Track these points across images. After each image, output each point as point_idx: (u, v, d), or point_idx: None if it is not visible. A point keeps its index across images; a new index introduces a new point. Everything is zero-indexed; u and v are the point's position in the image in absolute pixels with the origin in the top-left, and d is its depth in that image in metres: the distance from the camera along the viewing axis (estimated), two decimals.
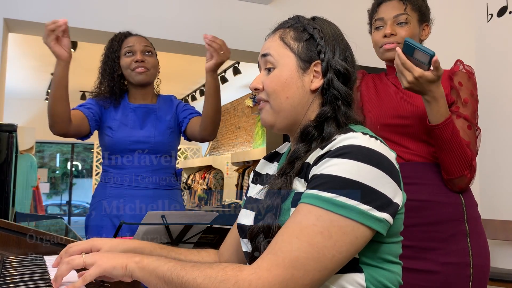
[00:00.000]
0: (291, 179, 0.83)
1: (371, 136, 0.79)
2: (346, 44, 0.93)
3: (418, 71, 1.18)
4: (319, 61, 0.89)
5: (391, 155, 0.79)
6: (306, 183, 0.81)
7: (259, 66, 0.96)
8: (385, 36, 1.39)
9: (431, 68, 1.18)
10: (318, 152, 0.81)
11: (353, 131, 0.81)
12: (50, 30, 1.55)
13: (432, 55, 1.16)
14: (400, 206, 0.79)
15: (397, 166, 0.81)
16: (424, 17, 1.44)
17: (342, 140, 0.78)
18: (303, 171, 0.83)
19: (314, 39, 0.90)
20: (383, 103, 1.41)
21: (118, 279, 0.79)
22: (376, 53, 1.45)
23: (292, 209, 0.80)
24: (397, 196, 0.78)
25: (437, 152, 1.30)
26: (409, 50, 1.19)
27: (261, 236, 0.81)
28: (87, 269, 0.79)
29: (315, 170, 0.78)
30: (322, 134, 0.85)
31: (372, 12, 1.47)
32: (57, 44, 1.60)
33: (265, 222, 0.81)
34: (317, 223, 0.72)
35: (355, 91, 0.93)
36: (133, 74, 1.85)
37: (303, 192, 0.79)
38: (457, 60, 1.42)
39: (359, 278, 0.78)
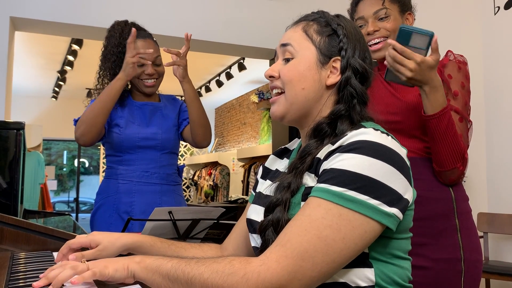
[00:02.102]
0: (302, 174, 0.83)
1: (382, 132, 0.79)
2: (366, 45, 0.93)
3: (419, 56, 1.15)
4: (339, 57, 0.89)
5: (402, 151, 0.79)
6: (316, 178, 0.81)
7: (275, 55, 0.95)
8: (368, 34, 1.37)
9: (429, 52, 1.16)
10: (329, 148, 0.81)
11: (364, 127, 0.81)
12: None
13: (431, 35, 1.14)
14: (410, 202, 0.79)
15: (408, 163, 0.80)
16: (405, 6, 1.41)
17: (353, 135, 0.78)
18: (313, 166, 0.83)
19: (337, 35, 0.89)
20: (375, 99, 1.39)
21: (121, 281, 0.78)
22: None
23: (302, 203, 0.80)
24: (408, 192, 0.78)
25: (431, 144, 1.28)
26: (404, 37, 1.17)
27: (270, 229, 0.81)
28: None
29: (325, 165, 0.78)
30: (335, 131, 0.85)
31: (352, 12, 1.45)
32: (133, 65, 1.74)
33: (275, 216, 0.81)
34: (326, 216, 0.73)
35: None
36: (141, 84, 1.88)
37: (313, 186, 0.79)
38: (448, 51, 1.39)
39: (369, 273, 0.78)
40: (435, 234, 1.28)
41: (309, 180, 0.82)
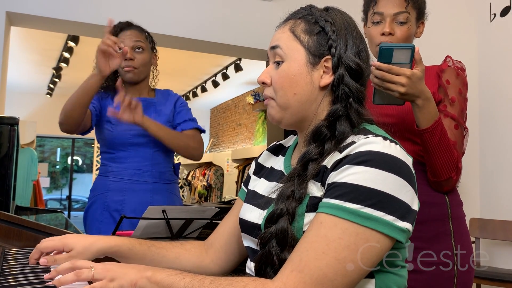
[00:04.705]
0: (306, 183, 0.80)
1: (391, 141, 0.77)
2: (360, 36, 0.88)
3: (408, 70, 1.13)
4: (329, 56, 0.84)
5: (409, 160, 0.78)
6: (323, 187, 0.78)
7: (268, 58, 0.92)
8: (383, 34, 1.34)
9: (414, 63, 1.15)
10: (336, 156, 0.78)
11: (371, 132, 0.78)
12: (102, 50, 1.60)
13: (413, 48, 1.13)
14: (416, 211, 0.78)
15: (414, 172, 0.79)
16: (421, 14, 1.39)
17: (362, 144, 0.75)
18: (319, 174, 0.79)
19: (325, 32, 0.85)
20: (369, 101, 1.38)
21: None
22: (370, 47, 1.38)
23: (307, 214, 0.77)
24: (414, 202, 0.77)
25: (424, 155, 1.28)
26: (386, 55, 1.14)
27: (273, 241, 0.78)
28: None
29: (334, 177, 0.75)
30: (334, 133, 0.82)
31: (370, 1, 1.39)
32: (103, 58, 1.62)
33: (278, 227, 0.77)
34: (343, 236, 0.70)
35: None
36: (122, 72, 1.83)
37: (319, 197, 0.77)
38: (447, 56, 1.38)
39: (370, 283, 0.77)
40: (428, 238, 1.27)
41: (314, 189, 0.79)
